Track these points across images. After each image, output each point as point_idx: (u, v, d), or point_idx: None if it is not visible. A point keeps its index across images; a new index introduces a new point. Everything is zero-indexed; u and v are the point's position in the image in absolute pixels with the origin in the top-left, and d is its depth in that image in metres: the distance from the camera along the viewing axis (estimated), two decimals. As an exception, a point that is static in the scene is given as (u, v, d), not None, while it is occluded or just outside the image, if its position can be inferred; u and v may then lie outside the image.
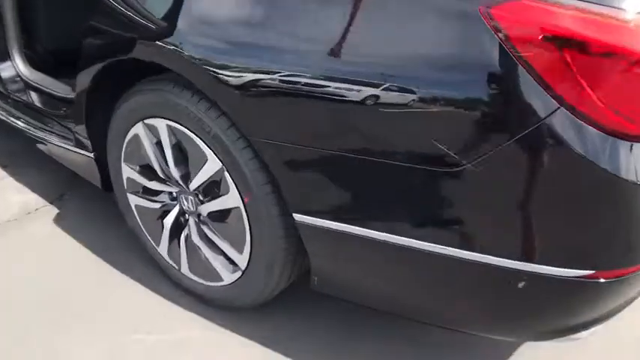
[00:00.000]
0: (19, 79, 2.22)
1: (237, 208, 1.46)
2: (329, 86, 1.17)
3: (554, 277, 1.14)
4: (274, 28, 1.24)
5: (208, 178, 1.49)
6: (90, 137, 1.79)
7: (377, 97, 1.14)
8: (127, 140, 1.65)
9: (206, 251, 1.63)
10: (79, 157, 1.92)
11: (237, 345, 1.63)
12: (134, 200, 1.76)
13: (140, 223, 1.79)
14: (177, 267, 1.75)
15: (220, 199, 1.49)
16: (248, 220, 1.46)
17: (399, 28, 1.12)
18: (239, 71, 1.26)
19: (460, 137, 1.11)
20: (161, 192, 1.69)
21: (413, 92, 1.11)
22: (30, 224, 2.08)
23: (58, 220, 2.10)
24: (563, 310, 1.24)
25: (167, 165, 1.59)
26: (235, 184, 1.43)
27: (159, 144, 1.58)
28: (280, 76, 1.21)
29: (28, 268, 1.88)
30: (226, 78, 1.27)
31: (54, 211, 2.15)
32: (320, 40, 1.18)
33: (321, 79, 1.18)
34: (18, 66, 2.21)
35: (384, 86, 1.13)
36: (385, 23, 1.13)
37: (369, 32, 1.15)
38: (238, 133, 1.38)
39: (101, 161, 1.84)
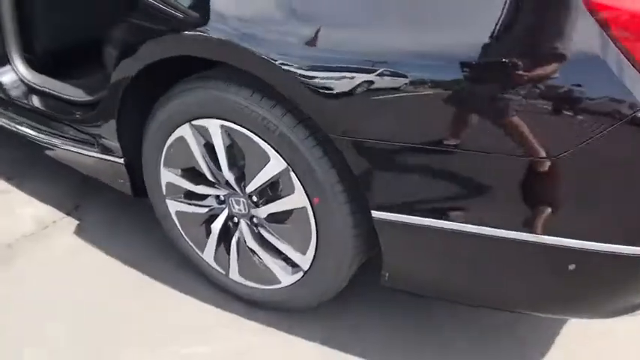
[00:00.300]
0: (21, 83, 2.07)
1: (303, 208, 1.40)
2: (417, 79, 1.13)
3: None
4: (359, 23, 1.18)
5: (269, 179, 1.42)
6: (120, 142, 1.69)
7: (467, 87, 1.10)
8: (168, 143, 1.56)
9: (262, 254, 1.56)
10: (103, 163, 1.80)
11: (303, 347, 1.58)
12: (174, 206, 1.67)
13: (181, 230, 1.70)
14: (224, 272, 1.68)
15: (283, 200, 1.43)
16: (315, 220, 1.40)
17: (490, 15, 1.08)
18: (323, 69, 1.19)
19: (554, 126, 1.09)
20: (207, 196, 1.61)
21: (506, 80, 1.08)
22: (49, 239, 1.94)
23: (80, 233, 1.98)
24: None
25: (218, 168, 1.51)
26: (302, 184, 1.37)
27: (208, 146, 1.50)
28: (367, 71, 1.15)
29: (58, 286, 1.76)
30: (308, 75, 1.20)
31: (72, 222, 2.02)
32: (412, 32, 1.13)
33: (409, 72, 1.13)
34: (19, 70, 2.06)
35: (474, 76, 1.10)
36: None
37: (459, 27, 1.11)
38: (307, 130, 1.32)
39: (131, 166, 1.74)
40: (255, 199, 1.51)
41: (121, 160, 1.73)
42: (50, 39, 2.19)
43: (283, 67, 1.22)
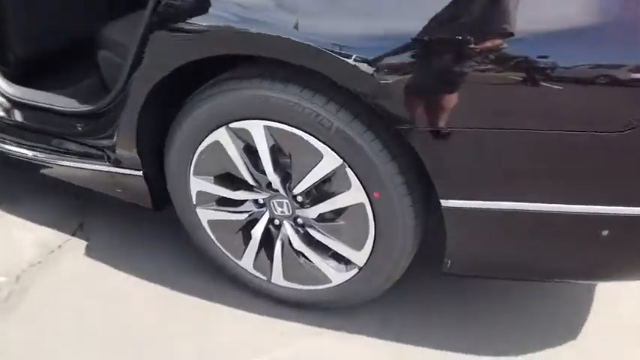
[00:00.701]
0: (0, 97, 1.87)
1: (360, 204, 1.34)
2: (494, 61, 1.09)
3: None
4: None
5: (321, 178, 1.35)
6: (139, 153, 1.56)
7: (550, 67, 1.08)
8: (199, 150, 1.45)
9: (310, 255, 1.50)
10: (117, 177, 1.66)
11: (362, 345, 1.54)
12: (206, 215, 1.57)
13: (214, 239, 1.61)
14: (266, 277, 1.60)
15: (337, 197, 1.36)
16: (374, 215, 1.35)
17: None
18: (391, 55, 1.13)
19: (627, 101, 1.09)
20: (245, 201, 1.52)
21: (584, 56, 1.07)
22: (58, 265, 1.79)
23: (90, 254, 1.83)
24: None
25: (260, 171, 1.42)
26: (359, 180, 1.31)
27: (247, 149, 1.41)
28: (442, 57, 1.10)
29: (80, 315, 1.62)
30: (378, 67, 1.13)
31: (80, 244, 1.87)
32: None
33: (485, 54, 1.09)
34: (-4, 83, 1.86)
35: (555, 54, 1.07)
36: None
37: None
38: (364, 125, 1.26)
39: (149, 178, 1.62)
40: (300, 199, 1.44)
41: (139, 173, 1.60)
42: (23, 47, 2.00)
43: (349, 60, 1.14)
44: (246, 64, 1.37)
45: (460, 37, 1.08)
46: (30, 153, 1.77)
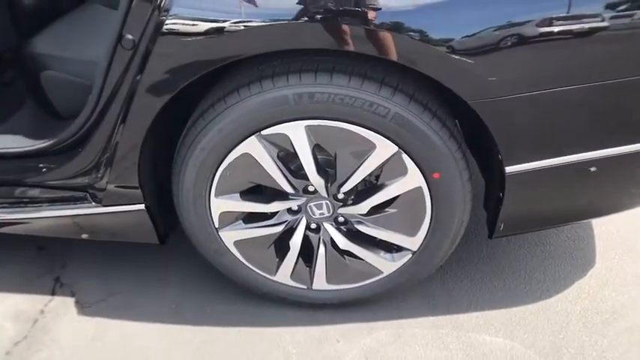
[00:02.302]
0: None
1: (418, 188, 1.26)
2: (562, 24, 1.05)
3: None
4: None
5: (374, 169, 1.24)
6: (141, 184, 1.32)
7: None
8: (223, 167, 1.26)
9: (358, 251, 1.40)
10: (106, 218, 1.41)
11: (422, 328, 1.48)
12: (232, 236, 1.39)
13: (243, 260, 1.44)
14: (305, 286, 1.48)
15: (391, 186, 1.27)
16: (431, 196, 1.28)
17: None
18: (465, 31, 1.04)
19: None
20: (277, 212, 1.36)
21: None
22: (50, 333, 1.50)
23: (82, 309, 1.56)
24: None
25: (297, 175, 1.27)
26: (417, 164, 1.22)
27: (283, 155, 1.25)
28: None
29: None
30: (447, 41, 1.04)
31: (66, 301, 1.58)
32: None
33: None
34: None
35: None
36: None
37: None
38: (420, 105, 1.16)
39: (151, 210, 1.39)
40: (341, 197, 1.32)
41: (140, 207, 1.37)
42: None
43: (414, 36, 1.03)
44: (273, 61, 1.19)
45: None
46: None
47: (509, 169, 1.22)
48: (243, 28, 1.09)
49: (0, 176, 1.45)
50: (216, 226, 1.37)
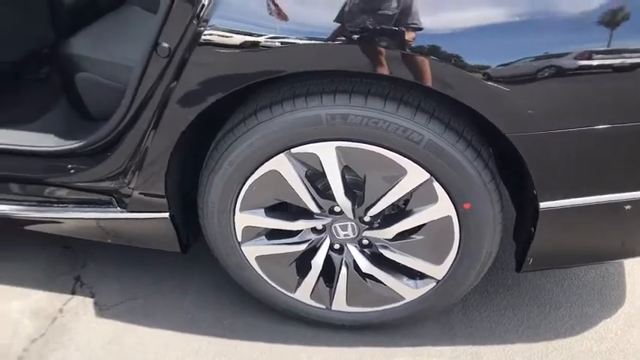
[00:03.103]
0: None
1: (447, 217, 1.23)
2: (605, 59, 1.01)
3: None
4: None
5: (403, 195, 1.21)
6: (167, 193, 1.32)
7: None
8: (250, 182, 1.25)
9: (381, 275, 1.37)
10: (130, 224, 1.41)
11: (439, 356, 1.46)
12: (254, 251, 1.38)
13: (264, 276, 1.42)
14: (325, 306, 1.45)
15: (420, 213, 1.24)
16: (460, 226, 1.24)
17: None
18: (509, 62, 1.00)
19: None
20: (300, 230, 1.34)
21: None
22: (67, 333, 1.50)
23: (101, 311, 1.57)
24: None
25: (324, 196, 1.25)
26: (448, 192, 1.19)
27: (311, 174, 1.23)
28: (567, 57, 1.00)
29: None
30: (490, 72, 1.01)
31: (85, 302, 1.59)
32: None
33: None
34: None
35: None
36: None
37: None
38: (456, 134, 1.13)
39: (175, 219, 1.39)
40: (367, 219, 1.30)
41: (164, 215, 1.36)
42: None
43: (449, 61, 1.01)
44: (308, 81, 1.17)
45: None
46: (11, 208, 1.44)
47: (543, 204, 1.18)
48: (279, 45, 1.07)
49: (29, 174, 1.46)
50: (239, 240, 1.36)
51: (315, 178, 1.24)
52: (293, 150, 1.19)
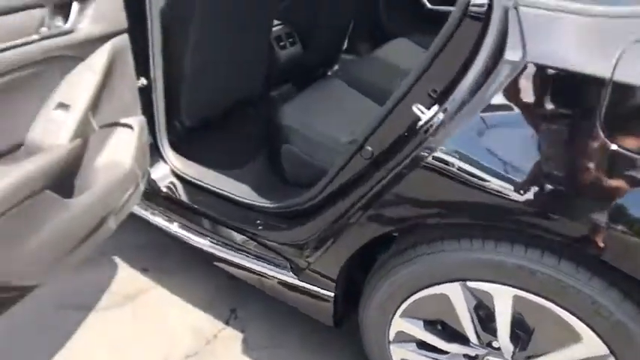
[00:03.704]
0: (170, 174, 1.75)
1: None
2: None
3: None
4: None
5: (574, 360, 1.16)
6: (339, 275, 1.41)
7: None
8: (419, 296, 1.28)
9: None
10: (297, 290, 1.52)
11: None
12: (401, 354, 1.41)
13: (403, 376, 1.45)
14: None
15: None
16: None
17: None
18: None
19: None
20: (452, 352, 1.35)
21: None
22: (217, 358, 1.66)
23: (247, 350, 1.69)
24: None
25: (487, 330, 1.25)
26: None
27: (478, 306, 1.23)
28: None
29: None
30: None
31: (235, 335, 1.74)
32: None
33: None
34: (169, 159, 1.74)
35: None
36: None
37: None
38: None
39: (337, 299, 1.47)
40: (529, 362, 1.26)
41: (330, 294, 1.45)
42: (189, 113, 1.85)
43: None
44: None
45: None
46: (197, 239, 1.64)
47: None
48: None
49: (225, 218, 1.64)
50: (390, 339, 1.40)
51: (482, 310, 1.24)
52: (469, 283, 1.20)
